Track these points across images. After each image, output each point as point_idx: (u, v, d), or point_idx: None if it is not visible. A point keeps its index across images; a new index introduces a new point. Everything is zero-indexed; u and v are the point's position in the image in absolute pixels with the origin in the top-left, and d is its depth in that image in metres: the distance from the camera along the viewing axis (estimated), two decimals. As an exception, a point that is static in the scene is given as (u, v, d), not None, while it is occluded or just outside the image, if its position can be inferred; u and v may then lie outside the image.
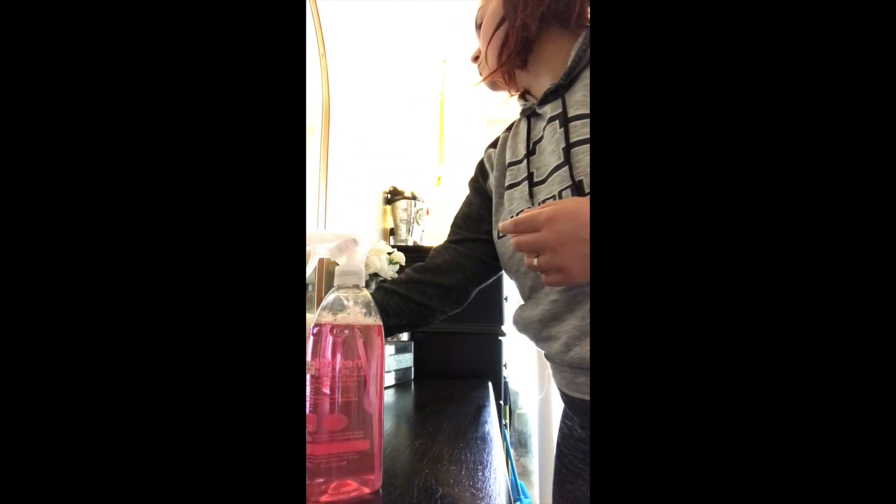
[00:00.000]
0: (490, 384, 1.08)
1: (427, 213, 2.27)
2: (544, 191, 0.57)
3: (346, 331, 0.40)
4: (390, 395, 0.92)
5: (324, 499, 0.37)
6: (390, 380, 1.08)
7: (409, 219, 2.05)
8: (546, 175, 0.57)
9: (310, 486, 0.37)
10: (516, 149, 0.66)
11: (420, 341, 1.30)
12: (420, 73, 2.55)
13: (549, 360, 0.63)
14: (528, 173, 0.61)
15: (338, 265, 0.43)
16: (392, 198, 2.06)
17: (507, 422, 1.61)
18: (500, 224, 0.54)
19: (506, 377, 1.50)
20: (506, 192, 0.65)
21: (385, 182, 2.08)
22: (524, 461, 2.27)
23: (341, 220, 1.28)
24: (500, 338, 1.39)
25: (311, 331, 0.40)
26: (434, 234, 2.41)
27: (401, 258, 1.20)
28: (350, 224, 1.42)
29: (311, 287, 1.00)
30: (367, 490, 0.39)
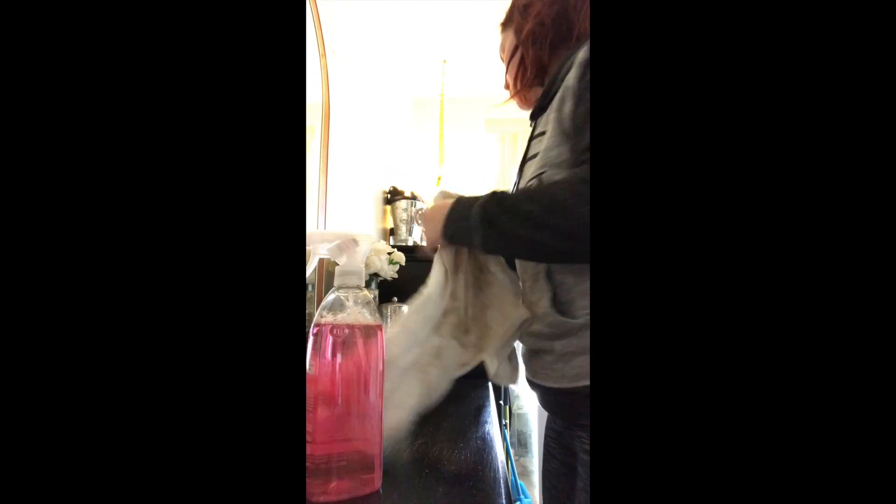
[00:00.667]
0: (490, 384, 1.07)
1: (427, 213, 2.26)
2: None
3: (346, 331, 0.40)
4: (390, 395, 0.92)
5: (324, 499, 0.37)
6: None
7: (409, 219, 2.05)
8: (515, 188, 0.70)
9: (310, 486, 0.37)
10: None
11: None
12: (420, 73, 2.55)
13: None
14: (515, 186, 0.72)
15: (338, 265, 0.43)
16: (392, 198, 2.05)
17: (507, 422, 1.61)
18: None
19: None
20: None
21: (385, 182, 2.08)
22: (524, 461, 2.27)
23: (341, 220, 1.28)
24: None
25: (312, 331, 0.40)
26: (434, 234, 2.40)
27: (401, 258, 1.19)
28: (350, 224, 1.42)
29: (311, 287, 1.00)
30: (367, 490, 0.39)
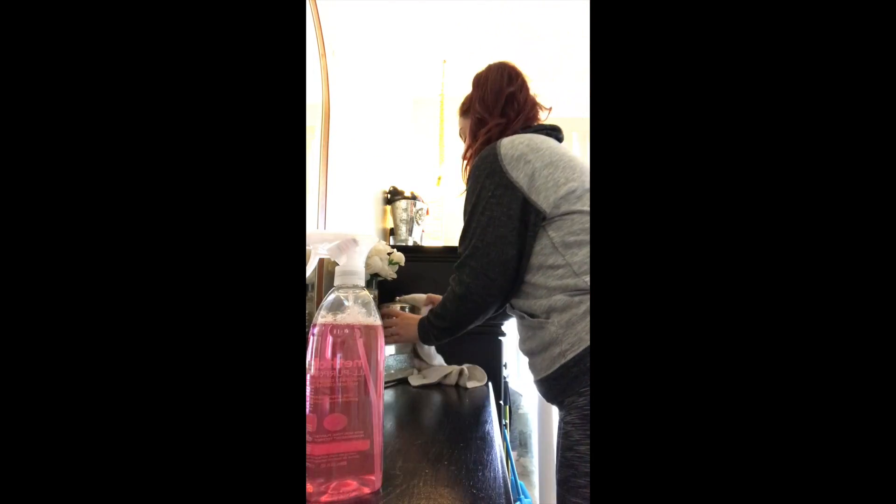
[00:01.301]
0: (490, 384, 1.07)
1: (427, 213, 2.26)
2: None
3: (346, 331, 0.40)
4: (390, 395, 0.92)
5: (324, 499, 0.37)
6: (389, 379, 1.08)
7: (409, 219, 2.05)
8: None
9: (310, 486, 0.37)
10: None
11: (420, 341, 1.29)
12: (420, 73, 2.54)
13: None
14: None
15: (338, 265, 0.43)
16: (392, 198, 2.05)
17: (507, 422, 1.61)
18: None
19: (506, 377, 1.50)
20: None
21: (385, 182, 2.07)
22: (524, 461, 2.26)
23: (341, 220, 1.28)
24: (500, 338, 1.39)
25: (311, 331, 0.40)
26: (434, 234, 2.41)
27: (401, 258, 1.19)
28: (350, 224, 1.42)
29: (311, 287, 1.00)
30: (367, 490, 0.39)
